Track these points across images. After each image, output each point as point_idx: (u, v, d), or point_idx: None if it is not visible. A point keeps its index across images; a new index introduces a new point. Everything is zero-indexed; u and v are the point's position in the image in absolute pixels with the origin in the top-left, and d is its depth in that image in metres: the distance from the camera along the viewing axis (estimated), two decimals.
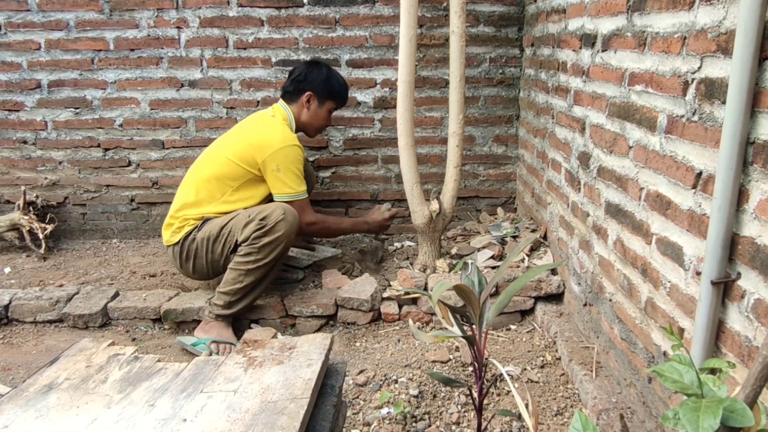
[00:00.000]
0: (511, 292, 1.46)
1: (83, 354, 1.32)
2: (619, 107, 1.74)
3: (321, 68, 2.52)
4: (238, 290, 2.18)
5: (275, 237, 2.13)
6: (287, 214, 2.15)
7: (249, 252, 2.15)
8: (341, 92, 2.56)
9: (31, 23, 2.96)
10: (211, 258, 2.28)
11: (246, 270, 2.16)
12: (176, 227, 2.34)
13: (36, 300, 2.41)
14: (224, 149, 2.40)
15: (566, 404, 1.82)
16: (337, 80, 2.54)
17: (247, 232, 2.14)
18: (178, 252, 2.33)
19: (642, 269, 1.60)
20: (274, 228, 2.13)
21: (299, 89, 2.48)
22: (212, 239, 2.25)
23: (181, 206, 2.35)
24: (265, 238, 2.13)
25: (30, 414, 1.08)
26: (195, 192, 2.35)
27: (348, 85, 2.62)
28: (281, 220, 2.13)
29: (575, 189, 2.13)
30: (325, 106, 2.53)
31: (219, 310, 2.20)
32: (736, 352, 1.21)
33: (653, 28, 1.51)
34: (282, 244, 2.15)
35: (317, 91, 2.48)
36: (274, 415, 1.05)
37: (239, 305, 2.21)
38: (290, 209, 2.19)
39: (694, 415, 0.73)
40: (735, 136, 1.13)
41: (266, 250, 2.14)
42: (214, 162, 2.38)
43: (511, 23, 2.96)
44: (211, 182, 2.34)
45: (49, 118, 3.11)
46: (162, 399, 1.12)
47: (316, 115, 2.53)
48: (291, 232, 2.17)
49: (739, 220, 1.19)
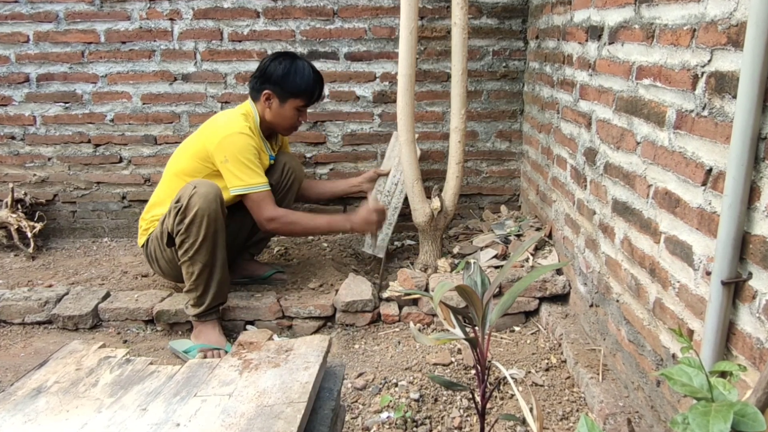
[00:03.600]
0: (515, 292, 1.46)
1: (73, 357, 1.32)
2: (626, 102, 1.74)
3: (281, 62, 2.33)
4: (195, 282, 2.16)
5: (194, 213, 2.08)
6: (198, 187, 2.09)
7: (182, 240, 2.12)
8: (306, 88, 2.34)
9: (19, 15, 2.96)
10: (166, 257, 2.29)
11: (189, 258, 2.13)
12: (143, 229, 2.39)
13: (24, 301, 2.41)
14: (187, 144, 2.41)
15: (572, 408, 1.82)
16: (300, 75, 2.32)
17: (171, 220, 2.14)
18: (146, 255, 2.39)
19: (650, 269, 1.60)
20: (188, 205, 2.08)
21: (259, 87, 2.35)
22: (159, 237, 2.26)
23: (148, 207, 2.40)
24: (186, 218, 2.09)
25: (18, 418, 1.08)
26: (158, 192, 2.39)
27: (319, 77, 2.39)
28: (193, 194, 2.08)
29: (581, 186, 2.13)
30: (287, 104, 2.35)
31: (194, 310, 2.20)
32: (747, 355, 1.21)
33: (662, 20, 1.51)
34: (205, 216, 2.08)
35: (276, 89, 2.33)
36: (270, 420, 1.05)
37: (208, 297, 2.18)
38: (202, 181, 2.13)
39: (704, 419, 0.73)
40: (746, 131, 1.12)
41: (193, 229, 2.09)
42: (177, 158, 2.40)
43: (515, 15, 2.96)
44: (173, 179, 2.34)
45: (38, 113, 3.10)
46: (154, 403, 1.12)
47: (280, 115, 2.38)
48: (209, 201, 2.08)
49: (750, 218, 1.18)
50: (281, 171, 2.53)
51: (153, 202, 2.39)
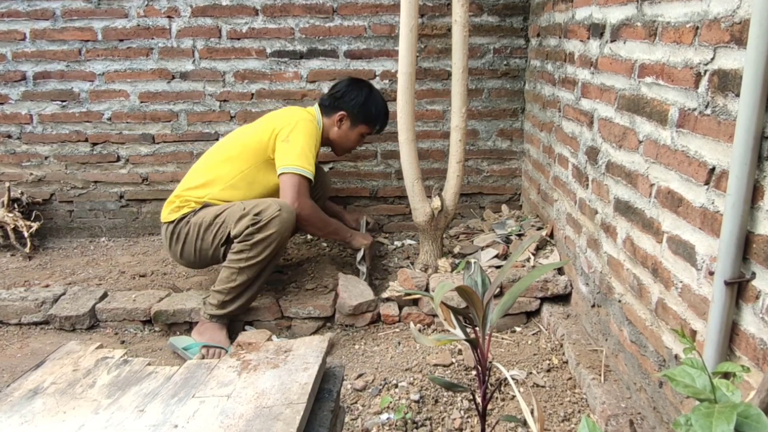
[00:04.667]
0: (516, 292, 1.46)
1: (70, 357, 1.32)
2: (628, 100, 1.74)
3: (362, 89, 2.52)
4: (232, 289, 2.18)
5: (268, 234, 2.12)
6: (283, 211, 2.14)
7: (241, 249, 2.14)
8: (377, 118, 2.56)
9: (15, 12, 2.96)
10: (201, 246, 2.28)
11: (239, 268, 2.15)
12: (176, 206, 2.34)
13: (21, 301, 2.41)
14: (244, 129, 2.49)
15: (573, 410, 1.82)
16: (375, 105, 2.53)
17: (241, 226, 2.14)
18: (170, 232, 2.34)
19: (652, 269, 1.60)
20: (268, 224, 2.12)
21: (334, 106, 2.51)
22: (204, 226, 2.25)
23: (187, 186, 2.37)
24: (258, 234, 2.12)
25: (15, 420, 1.08)
26: (204, 173, 2.37)
27: (388, 112, 2.59)
28: (276, 216, 2.12)
29: (583, 185, 2.13)
30: (357, 129, 2.54)
31: (213, 310, 2.20)
32: (750, 355, 1.21)
33: (664, 18, 1.50)
34: (275, 242, 2.14)
35: (352, 113, 2.50)
36: (269, 421, 1.05)
37: (233, 305, 2.21)
38: (287, 206, 2.18)
39: (707, 421, 0.73)
40: (749, 130, 1.12)
41: (259, 247, 2.14)
42: (231, 142, 2.45)
43: (516, 12, 2.96)
44: (223, 163, 2.37)
45: (35, 112, 3.10)
46: (152, 404, 1.12)
47: (346, 136, 2.55)
48: (285, 230, 2.16)
49: (753, 217, 1.18)
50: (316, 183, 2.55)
51: (195, 183, 2.35)
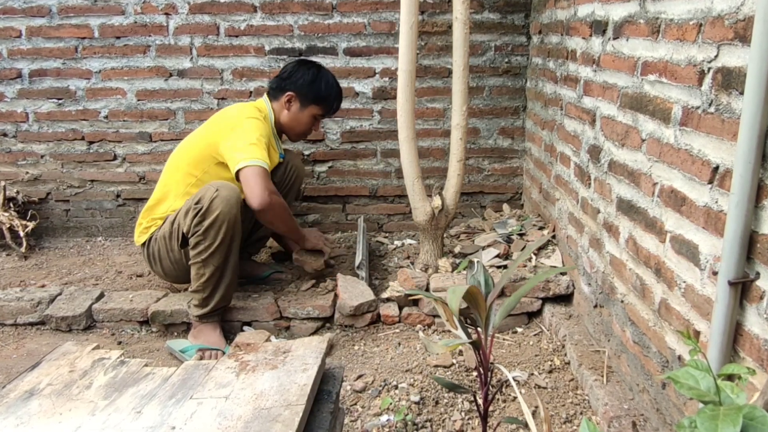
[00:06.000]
0: (520, 294, 1.46)
1: (66, 358, 1.31)
2: (631, 98, 1.74)
3: (310, 67, 2.44)
4: (205, 284, 2.16)
5: (214, 217, 2.07)
6: (221, 189, 2.09)
7: (197, 242, 2.12)
8: (328, 98, 2.45)
9: (11, 9, 2.95)
10: (173, 257, 2.29)
11: (202, 261, 2.14)
12: (144, 227, 2.37)
13: (16, 301, 2.41)
14: (193, 138, 2.43)
15: (576, 411, 1.82)
16: (326, 83, 2.43)
17: (188, 220, 2.13)
18: (147, 254, 2.38)
19: (655, 269, 1.60)
20: (210, 208, 2.07)
21: (282, 87, 2.42)
22: (167, 237, 2.26)
23: (149, 205, 2.39)
24: (205, 221, 2.09)
25: (10, 421, 1.08)
26: (160, 188, 2.39)
27: (341, 91, 2.51)
28: (215, 197, 2.07)
29: (585, 184, 2.13)
30: (307, 110, 2.44)
31: (197, 311, 2.20)
32: (755, 357, 1.21)
33: (667, 15, 1.50)
34: (225, 221, 2.08)
35: (300, 93, 2.41)
36: (267, 423, 1.05)
37: (214, 299, 2.19)
38: (224, 184, 2.11)
39: (712, 423, 0.73)
40: (754, 128, 1.12)
41: (211, 232, 2.10)
42: (181, 153, 2.41)
43: (518, 9, 2.95)
44: (177, 175, 2.35)
45: (31, 110, 3.10)
46: (149, 406, 1.12)
47: (297, 119, 2.45)
48: (230, 207, 2.08)
49: (757, 216, 1.18)
50: (284, 168, 2.57)
51: (156, 198, 2.37)
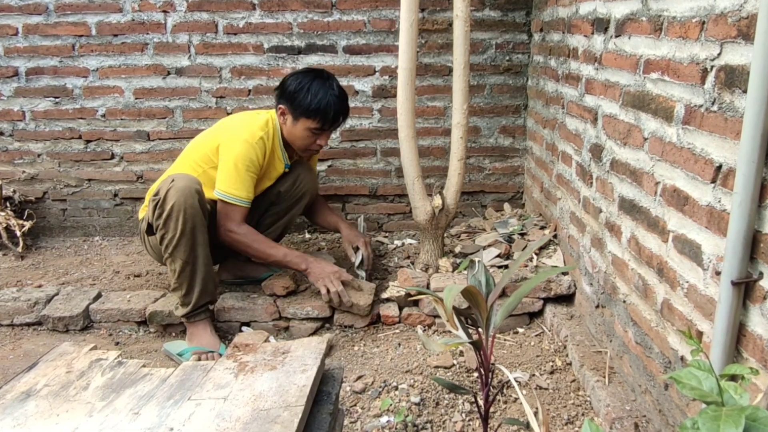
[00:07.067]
0: (521, 294, 1.46)
1: (63, 359, 1.31)
2: (633, 96, 1.73)
3: (301, 78, 2.30)
4: (178, 280, 2.16)
5: (170, 206, 2.08)
6: (177, 180, 2.10)
7: (161, 235, 2.13)
8: (318, 111, 2.26)
9: (7, 7, 2.95)
10: (152, 242, 2.32)
11: (169, 254, 2.14)
12: (144, 206, 2.40)
13: (13, 301, 2.41)
14: (203, 137, 2.45)
15: (577, 412, 1.82)
16: (313, 95, 2.25)
17: (149, 214, 2.17)
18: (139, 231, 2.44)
19: (658, 269, 1.60)
20: (165, 199, 2.09)
21: (277, 99, 2.38)
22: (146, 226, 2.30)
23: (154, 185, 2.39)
24: (164, 212, 2.09)
25: (7, 423, 1.08)
26: (171, 169, 2.42)
27: (338, 100, 2.29)
28: (170, 188, 2.09)
29: (587, 183, 2.13)
30: (299, 123, 2.31)
31: (181, 310, 2.20)
32: (758, 357, 1.21)
33: (670, 12, 1.50)
34: (182, 211, 2.08)
35: (289, 105, 2.31)
36: (266, 424, 1.04)
37: (193, 294, 2.17)
38: (181, 175, 2.14)
39: (715, 424, 0.73)
40: (757, 126, 1.12)
41: (170, 223, 2.10)
42: (192, 149, 2.44)
43: (519, 7, 2.95)
44: (186, 163, 2.39)
45: (27, 108, 3.10)
46: (147, 407, 1.12)
47: (292, 133, 2.36)
48: (187, 196, 2.08)
49: (761, 216, 1.18)
50: (293, 181, 2.53)
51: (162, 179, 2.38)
